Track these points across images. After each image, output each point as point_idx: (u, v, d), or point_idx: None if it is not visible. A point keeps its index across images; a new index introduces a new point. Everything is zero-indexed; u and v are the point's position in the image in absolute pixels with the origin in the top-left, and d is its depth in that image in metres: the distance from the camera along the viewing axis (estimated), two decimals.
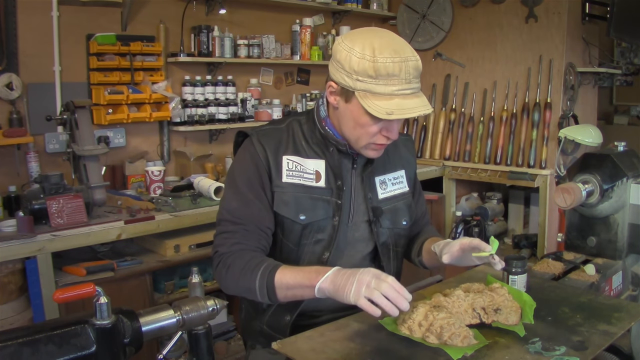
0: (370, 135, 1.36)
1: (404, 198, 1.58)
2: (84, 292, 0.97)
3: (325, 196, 1.44)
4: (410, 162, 1.64)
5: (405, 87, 1.29)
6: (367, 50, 1.28)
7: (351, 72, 1.30)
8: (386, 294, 1.14)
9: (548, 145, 3.39)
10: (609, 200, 1.81)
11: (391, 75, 1.27)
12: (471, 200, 3.90)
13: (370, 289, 1.15)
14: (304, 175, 1.44)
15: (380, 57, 1.27)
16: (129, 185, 2.90)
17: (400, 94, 1.29)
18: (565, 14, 3.31)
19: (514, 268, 1.42)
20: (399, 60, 1.27)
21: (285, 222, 1.43)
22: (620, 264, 1.82)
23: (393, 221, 1.54)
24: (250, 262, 1.33)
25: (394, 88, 1.28)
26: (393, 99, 1.28)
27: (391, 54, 1.27)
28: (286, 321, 1.46)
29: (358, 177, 1.50)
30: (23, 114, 2.61)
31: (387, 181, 1.55)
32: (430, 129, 3.93)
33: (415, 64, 1.30)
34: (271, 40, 3.46)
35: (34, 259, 2.08)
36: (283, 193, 1.42)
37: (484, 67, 3.67)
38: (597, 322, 1.25)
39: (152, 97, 2.90)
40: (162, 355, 1.06)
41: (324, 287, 1.22)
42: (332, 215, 1.44)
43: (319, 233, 1.44)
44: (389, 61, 1.27)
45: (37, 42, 2.65)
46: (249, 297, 1.36)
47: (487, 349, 1.13)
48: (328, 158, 1.46)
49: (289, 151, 1.45)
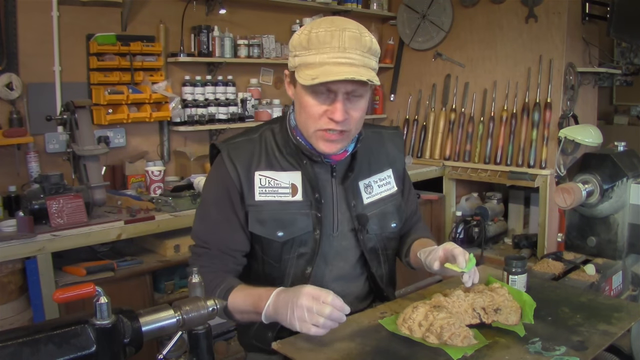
0: (314, 118, 1.28)
1: (393, 199, 1.50)
2: (84, 292, 0.96)
3: (304, 210, 1.37)
4: (397, 158, 1.55)
5: (339, 56, 1.21)
6: (307, 27, 1.26)
7: (292, 50, 1.28)
8: (331, 317, 1.12)
9: (548, 145, 3.39)
10: (609, 200, 1.81)
11: (322, 42, 1.21)
12: (471, 200, 3.90)
13: (313, 315, 1.12)
14: (279, 191, 1.37)
15: (315, 29, 1.23)
16: (129, 185, 2.90)
17: (332, 62, 1.21)
18: (565, 14, 3.31)
19: (514, 268, 1.42)
20: (333, 29, 1.22)
21: (262, 240, 1.38)
22: (620, 264, 1.82)
23: (381, 226, 1.47)
24: (209, 284, 1.28)
25: (325, 56, 1.21)
26: (323, 66, 1.21)
27: (327, 26, 1.23)
28: (269, 337, 1.39)
29: (339, 186, 1.42)
30: (23, 114, 2.61)
31: (373, 184, 1.47)
32: (430, 129, 3.93)
33: (354, 34, 1.22)
34: (271, 40, 3.46)
35: (34, 259, 2.08)
36: (258, 212, 1.36)
37: (484, 67, 3.67)
38: (597, 322, 1.25)
39: (152, 97, 2.90)
40: (162, 355, 1.06)
41: (269, 314, 1.21)
42: (312, 229, 1.38)
43: (301, 247, 1.38)
44: (321, 31, 1.22)
45: (37, 42, 2.65)
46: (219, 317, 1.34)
47: (487, 349, 1.13)
48: (303, 169, 1.39)
49: (261, 166, 1.37)
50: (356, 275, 1.48)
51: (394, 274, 1.58)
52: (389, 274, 1.54)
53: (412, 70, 4.06)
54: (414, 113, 4.04)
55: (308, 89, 1.24)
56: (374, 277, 1.49)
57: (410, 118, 4.05)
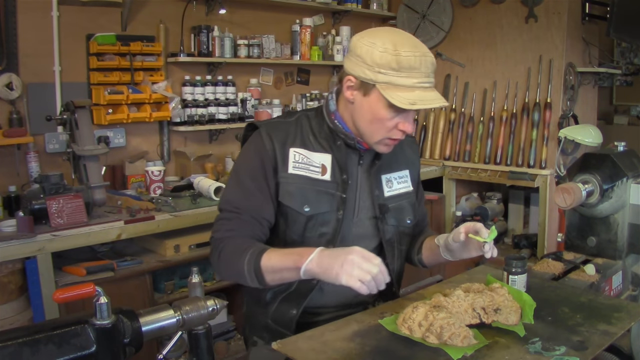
0: (386, 129, 1.39)
1: (409, 197, 1.60)
2: (84, 292, 0.97)
3: (330, 190, 1.46)
4: (414, 163, 1.66)
5: (425, 81, 1.34)
6: (388, 44, 1.32)
7: (373, 65, 1.33)
8: (376, 278, 1.19)
9: (548, 145, 3.39)
10: (609, 200, 1.81)
11: (412, 67, 1.32)
12: (471, 200, 3.90)
13: (362, 270, 1.18)
14: (310, 168, 1.45)
15: (402, 50, 1.31)
16: (129, 185, 2.90)
17: (420, 86, 1.33)
18: (565, 14, 3.31)
19: (514, 268, 1.42)
20: (419, 55, 1.32)
21: (289, 212, 1.44)
22: (620, 264, 1.82)
23: (398, 219, 1.55)
24: (240, 246, 1.36)
25: (415, 80, 1.32)
26: (414, 90, 1.33)
27: (412, 49, 1.32)
28: (292, 315, 1.46)
29: (364, 173, 1.52)
30: (23, 114, 2.61)
31: (393, 180, 1.57)
32: (430, 129, 3.93)
33: (432, 59, 1.36)
34: (271, 40, 3.46)
35: (34, 259, 2.08)
36: (288, 184, 1.44)
37: (484, 67, 3.67)
38: (597, 322, 1.25)
39: (152, 97, 2.90)
40: (162, 355, 1.06)
41: (310, 268, 1.24)
42: (336, 208, 1.46)
43: (323, 226, 1.45)
44: (410, 55, 1.31)
45: (37, 42, 2.65)
46: (241, 282, 1.38)
47: (487, 349, 1.13)
48: (335, 152, 1.48)
49: (296, 144, 1.47)
50: None
51: (402, 273, 1.64)
52: (399, 271, 1.61)
53: None
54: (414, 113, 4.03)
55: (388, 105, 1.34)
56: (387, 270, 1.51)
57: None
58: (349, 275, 1.18)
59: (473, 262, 3.01)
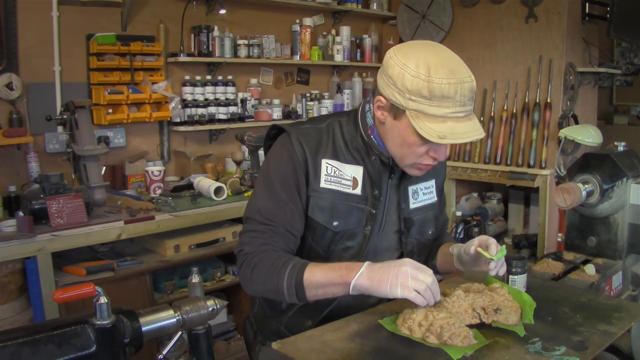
0: (416, 155, 1.32)
1: (433, 208, 1.56)
2: (84, 292, 0.97)
3: (360, 204, 1.41)
4: (441, 172, 1.60)
5: (459, 110, 1.23)
6: (421, 68, 1.22)
7: (404, 91, 1.23)
8: (432, 287, 1.18)
9: (548, 145, 3.39)
10: (609, 200, 1.81)
11: (446, 97, 1.21)
12: (471, 200, 3.90)
13: (417, 280, 1.17)
14: (342, 182, 1.39)
15: (436, 77, 1.21)
16: (129, 185, 2.90)
17: (453, 116, 1.23)
18: (565, 14, 3.31)
19: (514, 268, 1.42)
20: (455, 82, 1.21)
21: (317, 227, 1.39)
22: (620, 264, 1.82)
23: (421, 232, 1.52)
24: (277, 261, 1.29)
25: (447, 110, 1.22)
26: (446, 121, 1.23)
27: (447, 75, 1.21)
28: (307, 326, 1.41)
29: (394, 187, 1.47)
30: (23, 114, 2.61)
31: (419, 191, 1.52)
32: None
33: (470, 85, 1.24)
34: (271, 40, 3.46)
35: (34, 259, 2.08)
36: (320, 198, 1.38)
37: (484, 67, 3.66)
38: (597, 322, 1.25)
39: (152, 97, 2.90)
40: (162, 355, 1.06)
41: (360, 283, 1.20)
42: (364, 224, 1.42)
43: (349, 240, 1.41)
44: (444, 82, 1.21)
45: (37, 42, 2.65)
46: (275, 297, 1.33)
47: (487, 349, 1.13)
48: (367, 165, 1.41)
49: (328, 154, 1.39)
50: None
51: None
52: None
53: None
54: None
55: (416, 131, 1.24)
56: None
57: None
58: (404, 287, 1.16)
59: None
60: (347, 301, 1.42)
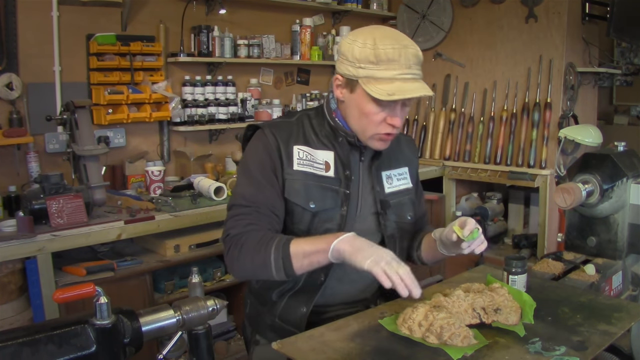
0: (375, 123, 1.40)
1: (409, 193, 1.62)
2: (84, 292, 0.97)
3: (334, 186, 1.47)
4: (412, 160, 1.68)
5: (406, 72, 1.34)
6: (368, 40, 1.35)
7: (354, 61, 1.36)
8: (402, 277, 1.19)
9: (548, 145, 3.39)
10: (609, 200, 1.81)
11: (391, 60, 1.33)
12: (471, 200, 3.90)
13: (389, 265, 1.20)
14: (314, 165, 1.47)
15: (381, 44, 1.33)
16: (129, 185, 2.90)
17: (400, 77, 1.34)
18: (565, 14, 3.31)
19: (514, 268, 1.42)
20: (399, 47, 1.34)
21: (295, 209, 1.45)
22: (620, 264, 1.82)
23: (399, 215, 1.57)
24: (264, 237, 1.35)
25: (394, 72, 1.34)
26: (394, 82, 1.34)
27: (391, 42, 1.34)
28: (302, 313, 1.46)
29: (366, 169, 1.54)
30: (23, 114, 2.61)
31: (393, 176, 1.59)
32: (430, 129, 3.93)
33: (414, 51, 1.36)
34: (271, 40, 3.46)
35: (34, 259, 2.08)
36: (294, 181, 1.45)
37: (484, 67, 3.67)
38: (597, 322, 1.25)
39: (152, 97, 2.90)
40: (162, 355, 1.06)
41: (341, 247, 1.25)
42: (340, 204, 1.47)
43: (327, 222, 1.46)
44: (389, 47, 1.33)
45: (37, 42, 2.65)
46: (262, 275, 1.36)
47: (487, 349, 1.13)
48: (337, 149, 1.49)
49: (299, 141, 1.48)
50: None
51: None
52: None
53: None
54: (414, 113, 4.04)
55: (372, 99, 1.36)
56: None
57: (410, 118, 4.05)
58: (375, 263, 1.20)
59: (473, 262, 3.01)
60: (333, 286, 1.48)
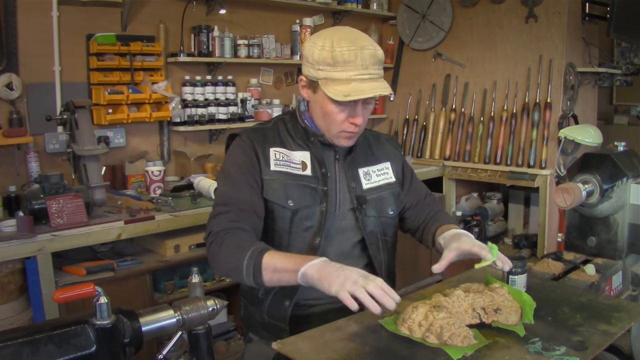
0: (338, 123, 1.45)
1: (390, 188, 1.63)
2: (84, 292, 0.97)
3: (312, 184, 1.51)
4: (396, 155, 1.69)
5: (362, 73, 1.38)
6: (327, 42, 1.39)
7: (314, 63, 1.41)
8: (372, 292, 1.16)
9: (548, 145, 3.39)
10: (609, 200, 1.81)
11: (347, 61, 1.37)
12: (471, 200, 3.90)
13: (356, 285, 1.18)
14: (291, 165, 1.51)
15: (338, 46, 1.37)
16: (129, 185, 2.90)
17: (357, 78, 1.38)
18: (565, 14, 3.31)
19: (514, 268, 1.42)
20: (355, 49, 1.37)
21: (275, 208, 1.48)
22: (620, 264, 1.82)
23: (378, 210, 1.58)
24: (243, 242, 1.37)
25: (350, 73, 1.38)
26: (350, 83, 1.38)
27: (347, 44, 1.38)
28: (285, 306, 1.50)
29: (342, 167, 1.56)
30: (23, 114, 2.61)
31: (372, 172, 1.61)
32: (430, 129, 3.93)
33: (371, 52, 1.39)
34: (271, 40, 3.46)
35: (34, 259, 2.08)
36: (272, 180, 1.48)
37: (484, 67, 3.67)
38: (597, 322, 1.25)
39: (152, 97, 2.89)
40: (162, 355, 1.06)
41: (309, 272, 1.24)
42: (319, 202, 1.50)
43: (307, 220, 1.49)
44: (345, 49, 1.37)
45: (37, 42, 2.65)
46: (235, 277, 1.39)
47: (487, 349, 1.13)
48: (312, 149, 1.54)
49: (275, 144, 1.53)
50: (356, 257, 1.57)
51: (392, 267, 1.66)
52: (387, 264, 1.62)
53: (412, 70, 4.06)
54: (414, 113, 4.04)
55: (333, 100, 1.40)
56: (373, 264, 1.58)
57: (410, 118, 4.05)
58: (341, 287, 1.18)
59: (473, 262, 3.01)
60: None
